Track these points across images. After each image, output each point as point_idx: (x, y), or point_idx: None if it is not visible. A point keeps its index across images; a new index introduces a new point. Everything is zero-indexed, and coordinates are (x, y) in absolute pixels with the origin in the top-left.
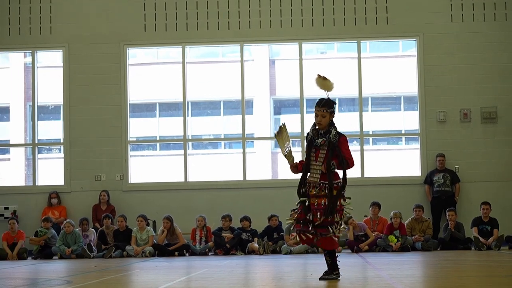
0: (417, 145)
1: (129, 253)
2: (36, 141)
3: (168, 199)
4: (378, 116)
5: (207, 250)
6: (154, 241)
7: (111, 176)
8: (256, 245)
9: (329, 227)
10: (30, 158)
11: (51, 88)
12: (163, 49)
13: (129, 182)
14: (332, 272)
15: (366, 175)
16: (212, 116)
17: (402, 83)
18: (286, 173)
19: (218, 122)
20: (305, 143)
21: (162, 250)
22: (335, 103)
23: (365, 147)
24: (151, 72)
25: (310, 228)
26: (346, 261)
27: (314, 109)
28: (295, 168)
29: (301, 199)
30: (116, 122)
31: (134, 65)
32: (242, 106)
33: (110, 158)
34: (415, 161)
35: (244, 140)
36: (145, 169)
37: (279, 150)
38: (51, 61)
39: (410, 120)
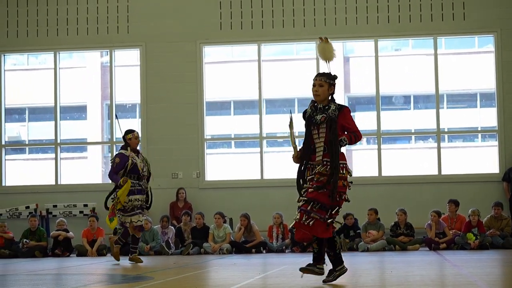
0: (494, 142)
1: (207, 250)
2: (115, 139)
3: (244, 196)
4: (454, 113)
5: (284, 247)
6: (231, 238)
7: (188, 174)
8: None
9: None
10: (107, 156)
11: (128, 87)
12: (237, 47)
13: (205, 179)
14: (315, 265)
15: (443, 173)
16: (287, 114)
17: (478, 80)
18: (361, 170)
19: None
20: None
21: (239, 247)
22: (336, 77)
23: (441, 144)
24: (225, 70)
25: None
26: (424, 258)
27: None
28: (298, 158)
29: (302, 191)
30: (192, 120)
31: (209, 63)
32: None
33: (187, 155)
34: (492, 158)
35: None
36: (221, 166)
37: (353, 147)
38: (126, 60)
39: (486, 117)
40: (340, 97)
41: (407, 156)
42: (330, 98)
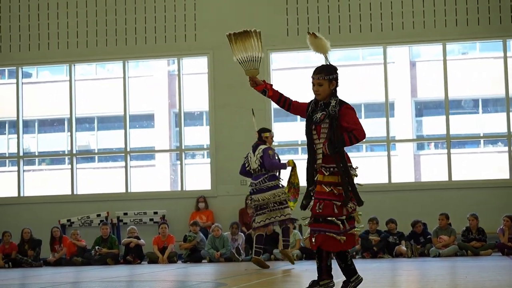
0: None
1: (277, 257)
2: (183, 147)
3: None
4: None
5: (354, 253)
6: (301, 244)
7: None
8: (404, 248)
9: (335, 222)
10: (175, 163)
11: (194, 94)
12: (303, 53)
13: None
14: (349, 281)
15: None
16: None
17: None
18: (430, 175)
19: None
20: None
21: (309, 254)
22: (336, 69)
23: None
24: (291, 76)
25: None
26: (498, 263)
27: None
28: (254, 83)
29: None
30: (260, 126)
31: (276, 70)
32: (386, 109)
33: None
34: None
35: (388, 142)
36: (289, 173)
37: (421, 152)
38: (192, 68)
39: None
40: (407, 102)
41: (477, 160)
42: (331, 92)
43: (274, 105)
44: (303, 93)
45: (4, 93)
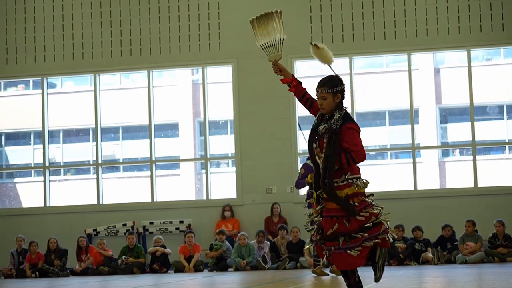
0: None
1: (303, 265)
2: (208, 156)
3: None
4: None
5: None
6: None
7: (282, 188)
8: (430, 255)
9: (340, 239)
10: (200, 172)
11: (218, 103)
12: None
13: (300, 194)
14: None
15: None
16: (379, 126)
17: None
18: (456, 181)
19: (383, 132)
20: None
21: None
22: (341, 81)
23: None
24: (314, 85)
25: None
26: None
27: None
28: (278, 69)
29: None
30: (285, 134)
31: (300, 77)
32: (411, 116)
33: (280, 170)
34: None
35: (414, 149)
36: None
37: (446, 159)
38: (216, 77)
39: None
40: (431, 108)
41: (503, 166)
42: (337, 105)
43: (298, 113)
44: None
45: (29, 104)
